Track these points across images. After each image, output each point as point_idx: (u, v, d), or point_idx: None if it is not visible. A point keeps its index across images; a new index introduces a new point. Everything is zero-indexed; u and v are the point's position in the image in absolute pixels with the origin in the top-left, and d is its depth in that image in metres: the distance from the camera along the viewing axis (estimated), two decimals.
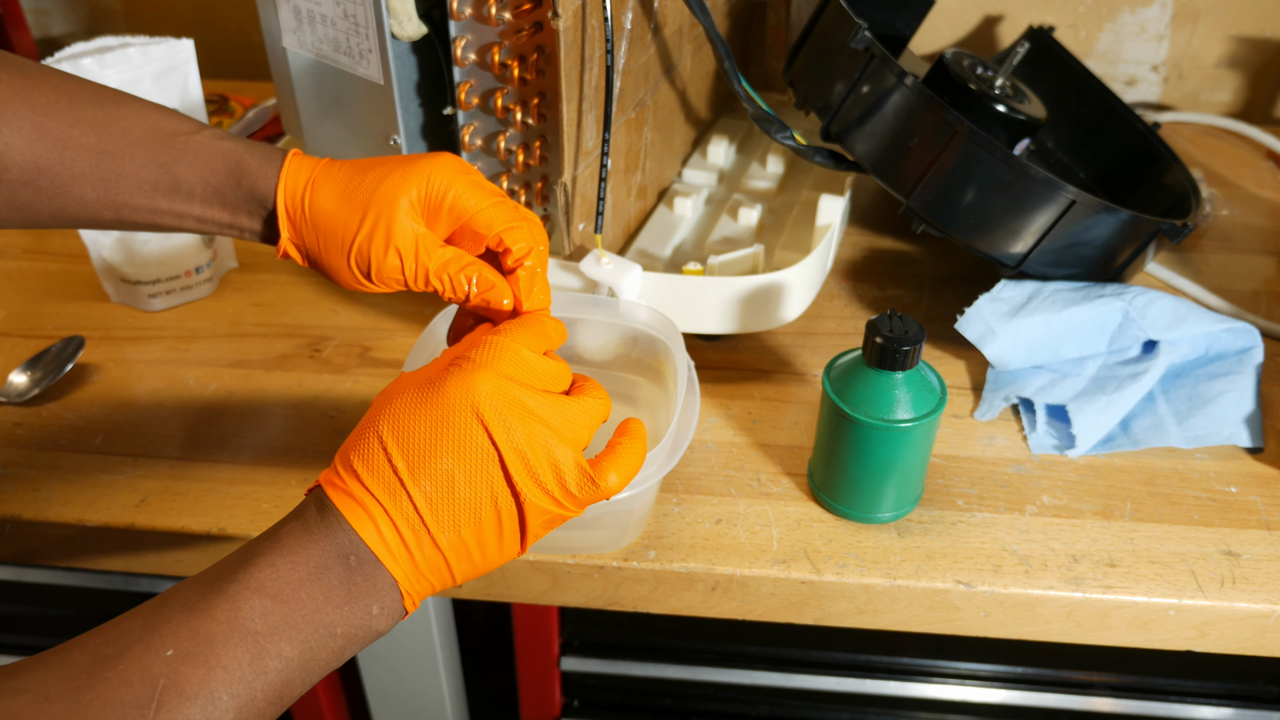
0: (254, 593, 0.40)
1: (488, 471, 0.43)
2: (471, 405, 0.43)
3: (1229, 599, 0.60)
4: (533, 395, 0.44)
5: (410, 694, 0.83)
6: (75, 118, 0.50)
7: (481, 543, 0.44)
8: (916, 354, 0.59)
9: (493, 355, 0.45)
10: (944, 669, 0.77)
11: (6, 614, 0.82)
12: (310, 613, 0.41)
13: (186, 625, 0.39)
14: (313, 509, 0.43)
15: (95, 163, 0.51)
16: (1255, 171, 1.03)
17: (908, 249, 0.91)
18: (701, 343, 0.79)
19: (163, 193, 0.52)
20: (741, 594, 0.62)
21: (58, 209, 0.51)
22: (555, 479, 0.44)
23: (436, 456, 0.43)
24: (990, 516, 0.65)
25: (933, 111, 0.70)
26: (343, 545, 0.42)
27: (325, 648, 0.41)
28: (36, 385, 0.73)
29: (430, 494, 0.43)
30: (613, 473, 0.46)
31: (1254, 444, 0.69)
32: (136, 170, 0.51)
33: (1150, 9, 1.08)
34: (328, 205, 0.51)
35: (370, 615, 0.42)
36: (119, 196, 0.52)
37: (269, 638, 0.40)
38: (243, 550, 0.42)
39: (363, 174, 0.51)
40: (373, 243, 0.50)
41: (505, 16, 0.63)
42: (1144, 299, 0.73)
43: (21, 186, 0.50)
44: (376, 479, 0.43)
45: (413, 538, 0.42)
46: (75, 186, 0.51)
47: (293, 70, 0.74)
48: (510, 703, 0.83)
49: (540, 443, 0.44)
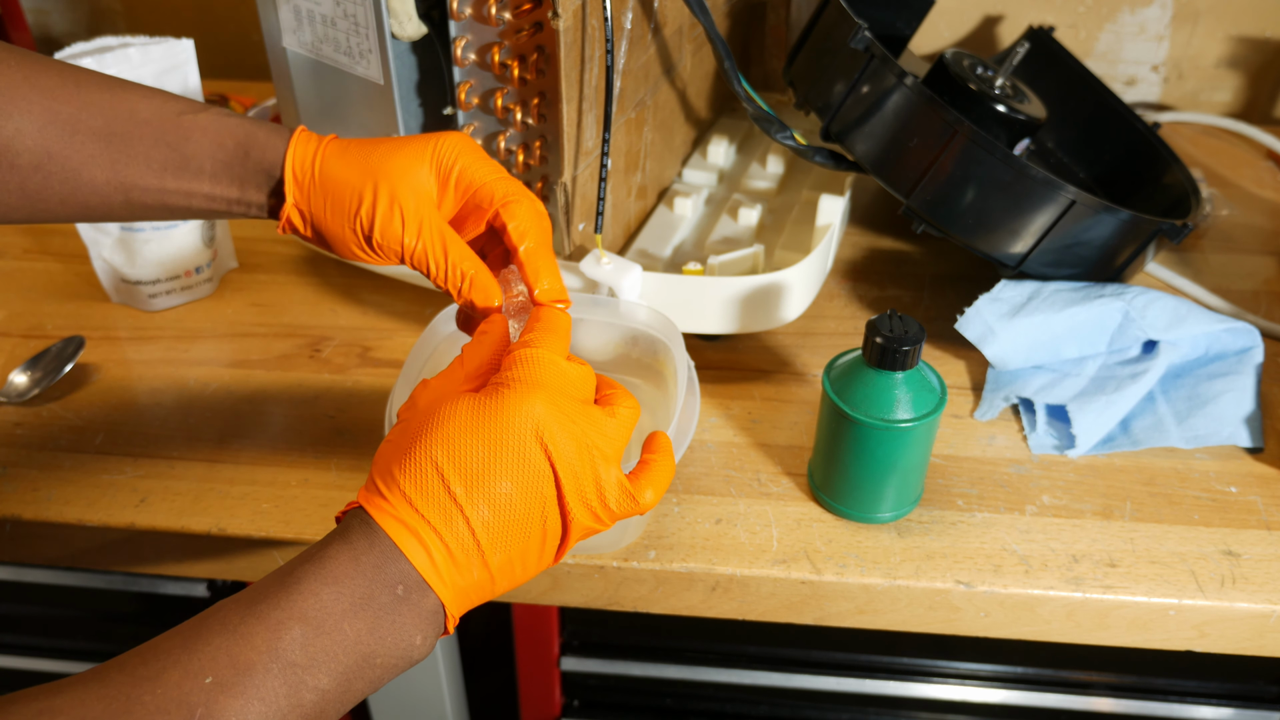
0: (296, 621, 0.39)
1: (543, 492, 0.43)
2: (534, 428, 0.43)
3: (1229, 599, 0.60)
4: (580, 412, 0.45)
5: (410, 694, 0.83)
6: (83, 101, 0.51)
7: (525, 559, 0.44)
8: (916, 354, 0.59)
9: (540, 373, 0.45)
10: (944, 669, 0.77)
11: (6, 614, 0.82)
12: (352, 644, 0.40)
13: (226, 651, 0.38)
14: (358, 532, 0.42)
15: (105, 145, 0.51)
16: (1255, 171, 1.03)
17: (908, 249, 0.91)
18: (701, 343, 0.79)
19: (172, 171, 0.52)
20: (741, 594, 0.62)
21: (68, 194, 0.51)
22: (598, 497, 0.44)
23: (495, 479, 0.42)
24: (990, 516, 0.65)
25: (933, 111, 0.70)
26: (391, 574, 0.41)
27: (363, 678, 0.41)
28: (36, 385, 0.73)
29: (487, 517, 0.42)
30: (649, 489, 0.46)
31: (1254, 444, 0.69)
32: (146, 150, 0.52)
33: (1150, 9, 1.08)
34: (338, 170, 0.52)
35: (413, 644, 0.42)
36: (129, 177, 0.52)
37: (308, 670, 0.39)
38: (286, 571, 0.41)
39: (375, 145, 0.53)
40: (378, 207, 0.51)
41: (505, 16, 0.63)
42: (1144, 299, 0.73)
43: (32, 172, 0.50)
44: (430, 502, 0.42)
45: (465, 559, 0.42)
46: (85, 169, 0.51)
47: (293, 70, 0.74)
48: (510, 703, 0.83)
49: (589, 461, 0.44)
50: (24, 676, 0.84)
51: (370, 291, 0.84)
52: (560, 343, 0.48)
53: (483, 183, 0.52)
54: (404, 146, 0.52)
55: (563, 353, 0.47)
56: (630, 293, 0.69)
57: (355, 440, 0.70)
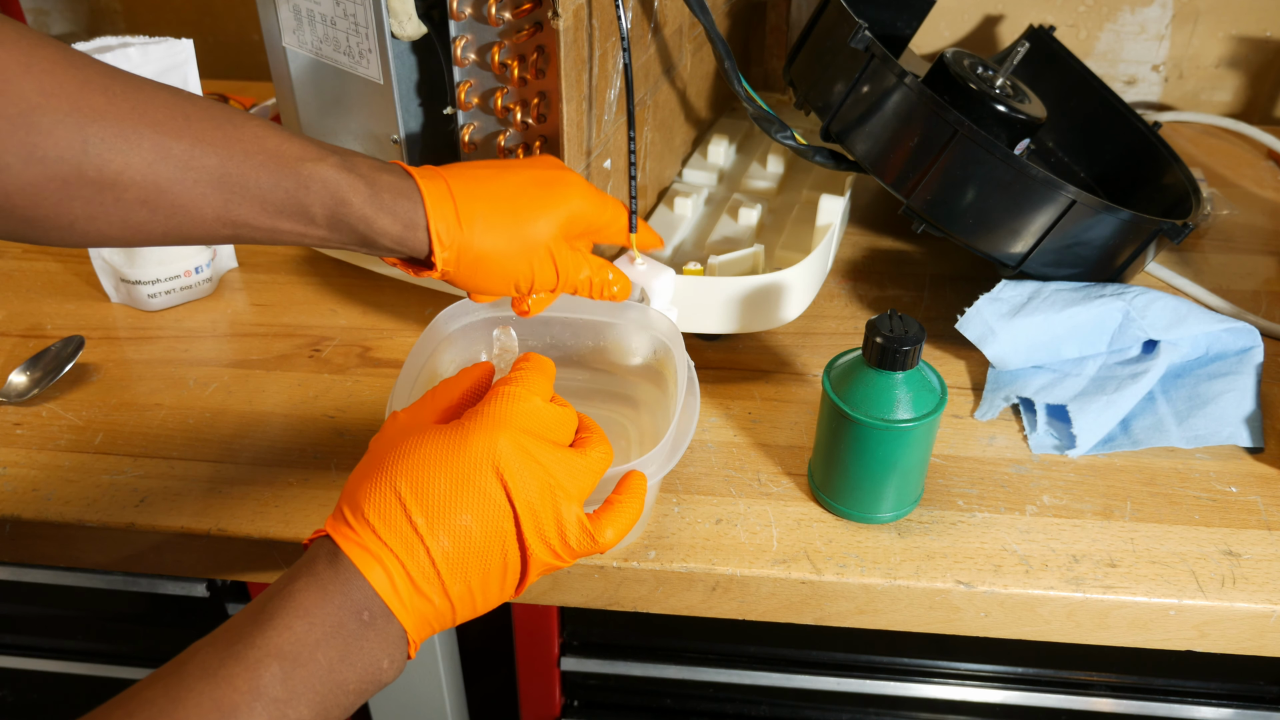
0: (273, 658, 0.40)
1: (502, 526, 0.44)
2: (493, 463, 0.44)
3: (1229, 599, 0.60)
4: (546, 450, 0.46)
5: (410, 694, 0.83)
6: (196, 137, 0.49)
7: (485, 590, 0.45)
8: (917, 354, 0.59)
9: (510, 410, 0.46)
10: (944, 669, 0.77)
11: (6, 614, 0.82)
12: (325, 673, 0.41)
13: (209, 695, 0.39)
14: (324, 562, 0.43)
15: (218, 185, 0.50)
16: (1255, 171, 1.03)
17: (908, 249, 0.91)
18: (701, 343, 0.79)
19: (287, 216, 0.52)
20: (741, 594, 0.62)
21: (172, 228, 0.50)
22: (558, 534, 0.46)
23: (456, 512, 0.44)
24: (990, 516, 0.65)
25: (933, 111, 0.70)
26: (356, 601, 0.42)
27: (339, 705, 0.42)
28: (36, 385, 0.73)
29: (447, 548, 0.43)
30: (609, 529, 0.48)
31: (1254, 444, 0.69)
32: (261, 194, 0.51)
33: (1150, 9, 1.08)
34: (490, 243, 0.56)
35: (380, 669, 0.43)
36: (241, 216, 0.51)
37: (288, 703, 0.40)
38: (257, 608, 0.42)
39: (519, 213, 0.57)
40: (537, 274, 0.58)
41: (505, 16, 0.63)
42: (1144, 299, 0.73)
43: (138, 206, 0.48)
44: (393, 532, 0.43)
45: (426, 587, 0.43)
46: (195, 207, 0.50)
47: (293, 70, 0.74)
48: (510, 703, 0.83)
49: (549, 499, 0.45)
50: (24, 676, 0.84)
51: (370, 291, 0.84)
52: (541, 382, 0.49)
53: (603, 225, 0.63)
54: (543, 213, 0.58)
55: (542, 393, 0.49)
56: (662, 295, 0.69)
57: (355, 440, 0.70)
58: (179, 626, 0.77)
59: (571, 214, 0.59)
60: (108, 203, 0.48)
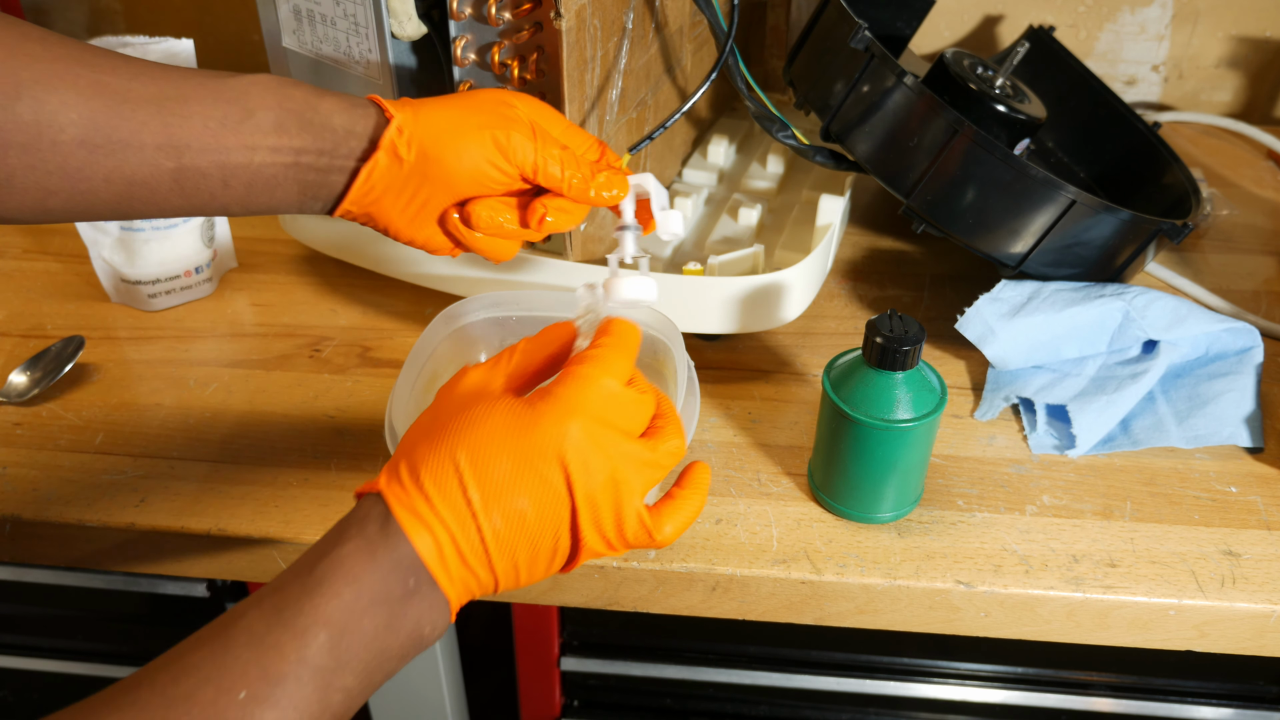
0: (321, 627, 0.40)
1: (558, 515, 0.43)
2: (559, 452, 0.43)
3: (1229, 599, 0.60)
4: (615, 441, 0.44)
5: (410, 694, 0.83)
6: (133, 72, 0.49)
7: (531, 570, 0.44)
8: (916, 354, 0.59)
9: (586, 396, 0.44)
10: (944, 669, 0.77)
11: (6, 614, 0.82)
12: (370, 640, 0.41)
13: (256, 663, 0.38)
14: (375, 525, 0.42)
15: (157, 109, 0.49)
16: (1255, 171, 1.03)
17: (908, 249, 0.91)
18: (701, 343, 0.79)
19: (232, 126, 0.51)
20: (741, 594, 0.62)
21: (113, 168, 0.49)
22: (615, 528, 0.44)
23: (513, 495, 0.43)
24: (990, 516, 0.65)
25: (933, 111, 0.70)
26: (403, 567, 0.42)
27: (381, 671, 0.42)
28: (36, 385, 0.73)
29: (500, 528, 0.43)
30: (669, 524, 0.46)
31: (1254, 444, 0.69)
32: (203, 109, 0.50)
33: (1150, 9, 1.08)
34: (446, 111, 0.55)
35: (422, 634, 0.43)
36: (184, 137, 0.50)
37: (335, 672, 0.40)
38: (305, 569, 0.41)
39: (467, 93, 0.58)
40: (511, 141, 0.55)
41: (505, 16, 0.63)
42: (1144, 299, 0.73)
43: (76, 147, 0.48)
44: (448, 504, 0.42)
45: (473, 562, 0.43)
46: (135, 136, 0.49)
47: (293, 70, 0.74)
48: (510, 703, 0.83)
49: (611, 493, 0.44)
50: (24, 676, 0.84)
51: (370, 291, 0.84)
52: (623, 362, 0.47)
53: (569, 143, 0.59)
54: (502, 92, 0.58)
55: (623, 373, 0.46)
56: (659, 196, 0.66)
57: (355, 440, 0.70)
58: (179, 626, 0.77)
59: (531, 105, 0.57)
60: (44, 148, 0.47)
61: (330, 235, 0.79)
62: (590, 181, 0.56)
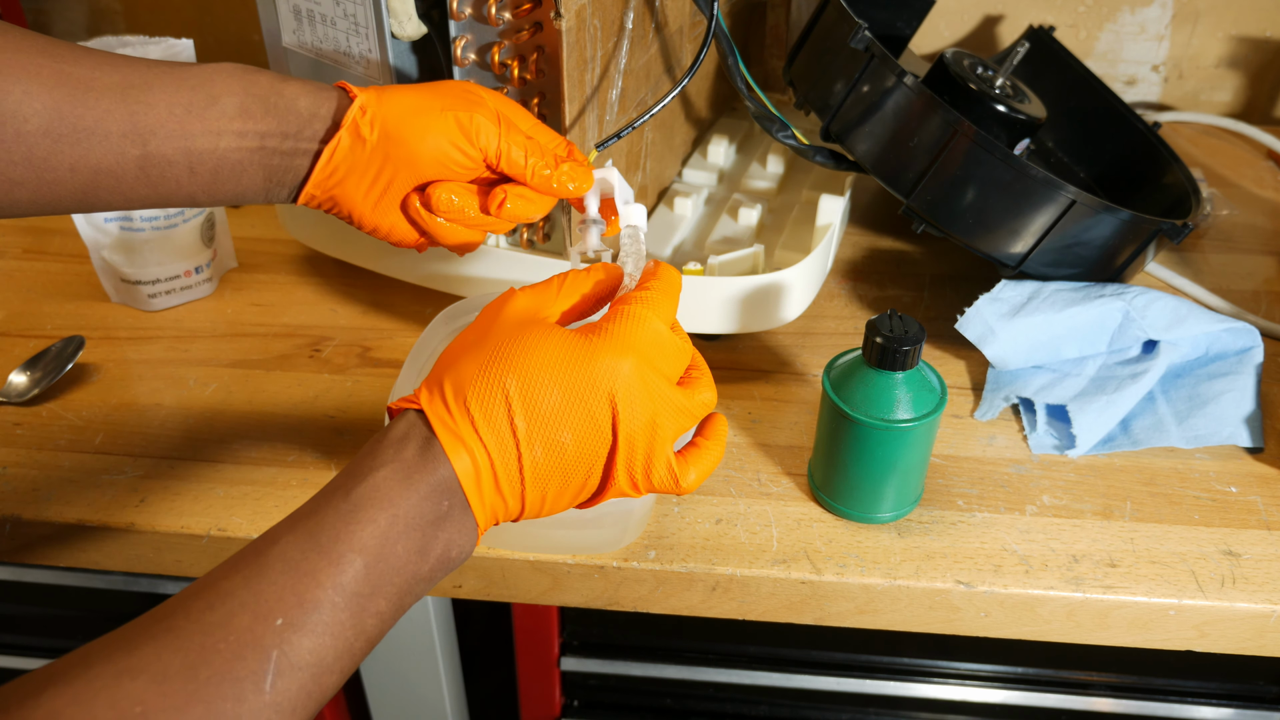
0: (357, 553, 0.40)
1: (597, 452, 0.44)
2: (609, 390, 0.43)
3: (1229, 599, 0.60)
4: (660, 384, 0.45)
5: (410, 694, 0.83)
6: (96, 62, 0.50)
7: (556, 501, 0.45)
8: (916, 354, 0.59)
9: (641, 335, 0.45)
10: (944, 669, 0.77)
11: (6, 614, 0.82)
12: (403, 565, 0.41)
13: (292, 589, 0.39)
14: (413, 447, 0.42)
15: (121, 97, 0.50)
16: (1255, 171, 1.03)
17: (908, 249, 0.91)
18: (701, 343, 0.79)
19: (197, 112, 0.51)
20: (741, 594, 0.62)
21: (79, 158, 0.49)
22: (645, 470, 0.45)
23: (558, 427, 0.43)
24: (990, 516, 0.65)
25: (933, 111, 0.70)
26: (439, 490, 0.42)
27: (412, 594, 0.42)
28: (36, 385, 0.73)
29: (539, 459, 0.43)
30: (693, 471, 0.47)
31: (1254, 444, 0.69)
32: (167, 96, 0.50)
33: (1150, 9, 1.08)
34: (410, 95, 0.54)
35: (450, 558, 0.43)
36: (149, 124, 0.50)
37: (370, 598, 0.40)
38: (340, 493, 0.41)
39: (431, 83, 0.57)
40: (475, 123, 0.54)
41: (505, 16, 0.63)
42: (1144, 299, 0.73)
43: (40, 137, 0.48)
44: (492, 430, 0.42)
45: (507, 490, 0.43)
46: (100, 124, 0.49)
47: (292, 70, 0.74)
48: (510, 703, 0.83)
49: (648, 436, 0.44)
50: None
51: (370, 291, 0.84)
52: (670, 306, 0.47)
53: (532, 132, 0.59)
54: (465, 83, 0.58)
55: (670, 317, 0.47)
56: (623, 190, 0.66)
57: (355, 440, 0.70)
58: None
59: (499, 99, 0.57)
60: (9, 139, 0.48)
61: (330, 235, 0.79)
62: (554, 170, 0.56)
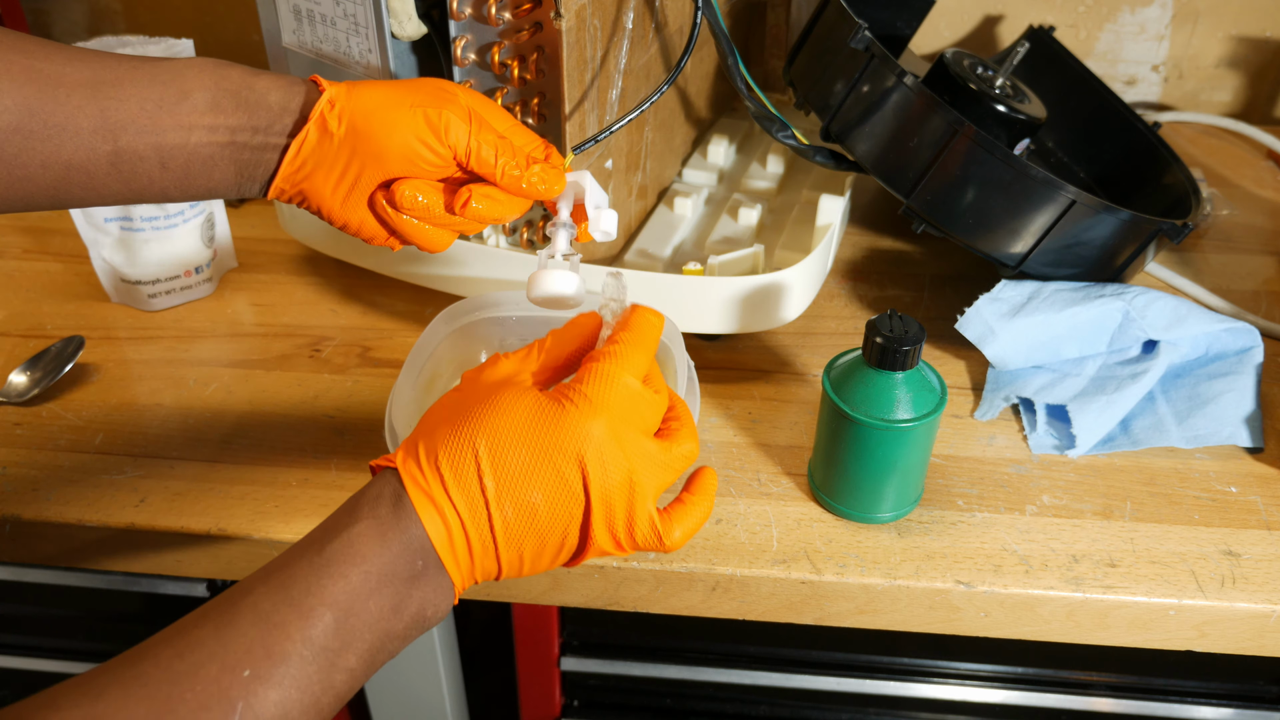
0: (328, 608, 0.40)
1: (570, 512, 0.44)
2: (577, 451, 0.43)
3: (1229, 599, 0.60)
4: (634, 441, 0.44)
5: (410, 694, 0.83)
6: (68, 58, 0.49)
7: (536, 562, 0.45)
8: (916, 354, 0.59)
9: (609, 394, 0.44)
10: (944, 669, 0.77)
11: (6, 614, 0.82)
12: (375, 622, 0.41)
13: (260, 642, 0.39)
14: (387, 505, 0.42)
15: (92, 93, 0.49)
16: (1255, 171, 1.03)
17: (908, 249, 0.91)
18: (701, 343, 0.79)
19: (168, 107, 0.51)
20: (741, 594, 0.62)
21: (50, 154, 0.49)
22: (626, 529, 0.44)
23: (527, 487, 0.43)
24: (990, 516, 0.65)
25: (933, 111, 0.70)
26: (412, 549, 0.42)
27: (385, 651, 0.42)
28: (36, 385, 0.73)
29: (510, 519, 0.43)
30: (678, 529, 0.46)
31: (1254, 444, 0.69)
32: (139, 91, 0.50)
33: (1150, 9, 1.08)
34: (381, 90, 0.54)
35: (425, 617, 0.43)
36: (120, 119, 0.50)
37: (339, 653, 0.40)
38: (314, 547, 0.41)
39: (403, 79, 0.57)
40: (445, 119, 0.53)
41: (505, 16, 0.63)
42: (1144, 299, 0.73)
43: (11, 134, 0.48)
44: (462, 491, 0.42)
45: (480, 550, 0.43)
46: (71, 120, 0.49)
47: (292, 70, 0.74)
48: (510, 703, 0.83)
49: (626, 494, 0.44)
50: (24, 676, 0.84)
51: (370, 291, 0.84)
52: (643, 358, 0.47)
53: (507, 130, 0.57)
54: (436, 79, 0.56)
55: (641, 369, 0.46)
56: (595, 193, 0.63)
57: (355, 440, 0.70)
58: None
59: (474, 97, 0.56)
60: None
61: (330, 235, 0.79)
62: (524, 171, 0.55)
